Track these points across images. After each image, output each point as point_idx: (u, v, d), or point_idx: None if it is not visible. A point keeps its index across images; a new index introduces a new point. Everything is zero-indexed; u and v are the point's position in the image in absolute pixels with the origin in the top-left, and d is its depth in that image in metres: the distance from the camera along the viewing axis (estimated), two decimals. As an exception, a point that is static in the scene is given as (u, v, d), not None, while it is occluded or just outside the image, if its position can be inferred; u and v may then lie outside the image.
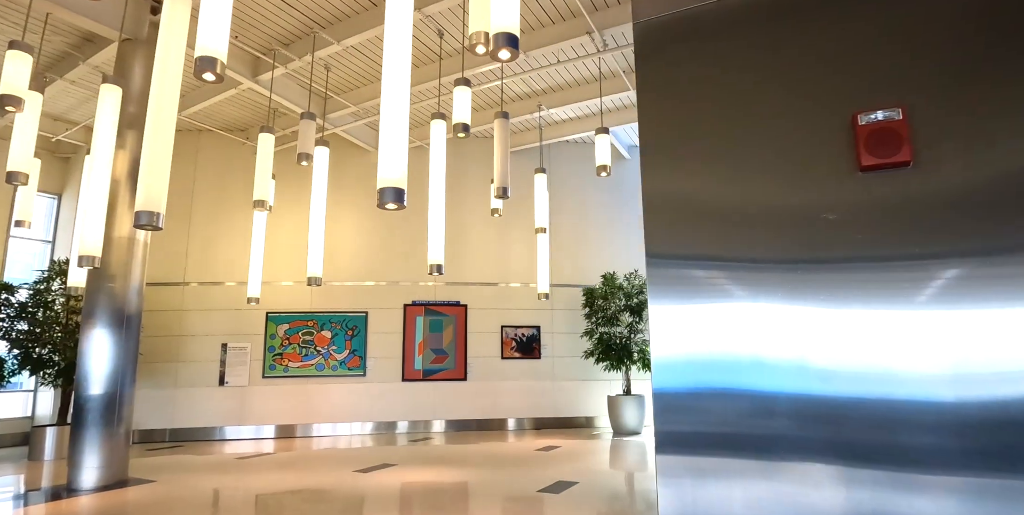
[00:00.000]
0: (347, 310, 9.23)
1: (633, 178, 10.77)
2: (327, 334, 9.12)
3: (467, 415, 9.27)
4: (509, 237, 10.02)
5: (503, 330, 9.61)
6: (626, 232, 10.44)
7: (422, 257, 9.56)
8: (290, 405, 8.80)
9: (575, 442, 7.88)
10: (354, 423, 8.95)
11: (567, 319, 9.85)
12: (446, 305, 9.51)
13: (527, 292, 9.85)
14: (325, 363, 9.03)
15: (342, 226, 9.49)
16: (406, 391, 9.15)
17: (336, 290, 9.28)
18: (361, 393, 9.02)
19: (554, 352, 9.72)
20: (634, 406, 8.71)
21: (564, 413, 9.57)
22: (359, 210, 9.62)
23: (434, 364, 9.31)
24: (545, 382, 9.61)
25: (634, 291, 8.91)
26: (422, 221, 10.05)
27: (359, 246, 9.51)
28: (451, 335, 9.44)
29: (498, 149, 6.13)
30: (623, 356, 8.56)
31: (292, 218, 9.36)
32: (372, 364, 9.13)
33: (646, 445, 7.61)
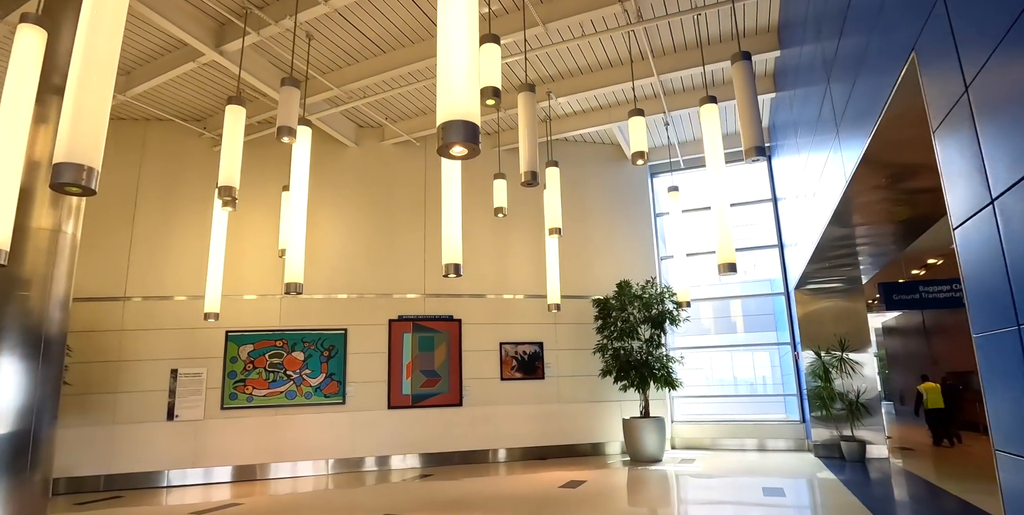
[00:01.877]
0: (323, 327, 7.95)
1: (640, 181, 9.95)
2: (299, 355, 7.81)
3: (465, 446, 8.07)
4: (508, 243, 8.99)
5: (502, 348, 8.50)
6: (634, 239, 9.57)
7: (411, 265, 8.43)
8: (255, 442, 7.41)
9: (596, 474, 6.81)
10: (333, 460, 7.61)
11: (572, 334, 8.84)
12: (437, 320, 8.36)
13: (528, 304, 8.80)
14: (297, 390, 7.71)
15: (317, 231, 8.25)
16: (393, 420, 7.90)
17: (310, 304, 8.00)
18: (340, 424, 7.71)
19: (559, 371, 8.67)
20: (654, 430, 7.72)
21: (572, 440, 8.48)
22: (337, 213, 8.42)
23: (425, 388, 8.11)
24: (550, 405, 8.52)
25: (653, 301, 7.98)
26: (411, 223, 8.94)
27: (337, 253, 8.28)
28: (444, 354, 8.28)
29: (524, 128, 5.13)
30: (645, 374, 7.59)
31: (258, 221, 8.07)
32: (353, 390, 7.85)
33: (682, 476, 6.60)
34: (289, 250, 5.23)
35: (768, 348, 15.16)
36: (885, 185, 4.43)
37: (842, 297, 8.17)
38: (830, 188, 5.04)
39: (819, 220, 5.78)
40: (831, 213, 5.14)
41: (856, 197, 4.71)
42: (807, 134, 6.01)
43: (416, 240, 8.57)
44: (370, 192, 8.59)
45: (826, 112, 4.85)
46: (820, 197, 5.61)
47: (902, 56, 2.88)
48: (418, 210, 8.71)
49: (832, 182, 4.87)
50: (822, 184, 5.42)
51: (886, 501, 5.09)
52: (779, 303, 11.95)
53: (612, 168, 9.81)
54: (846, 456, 7.37)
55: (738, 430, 8.77)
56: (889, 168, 4.05)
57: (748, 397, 12.99)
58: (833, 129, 4.67)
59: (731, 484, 6.23)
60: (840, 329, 7.98)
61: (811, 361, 7.98)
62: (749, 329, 14.83)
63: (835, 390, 7.47)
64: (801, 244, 7.25)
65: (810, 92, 5.57)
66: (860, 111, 3.78)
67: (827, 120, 4.82)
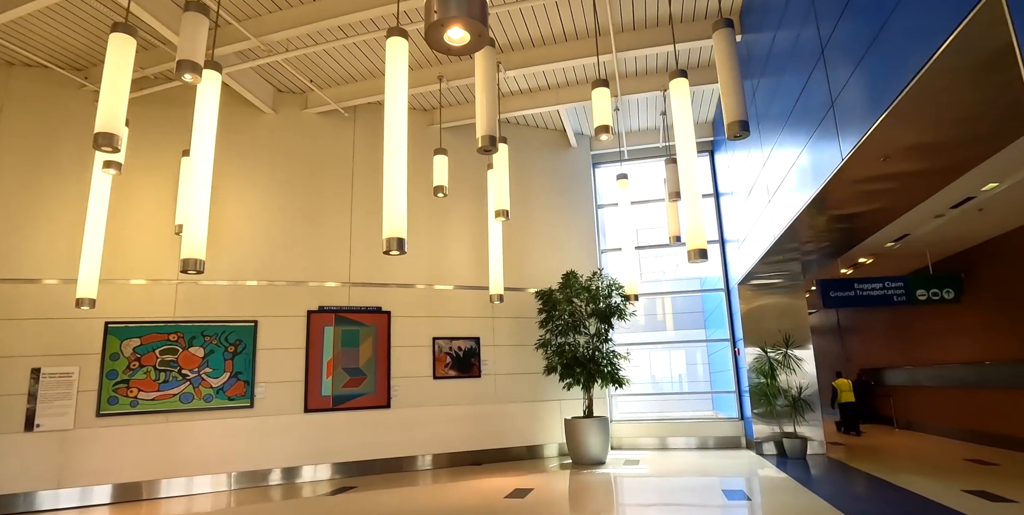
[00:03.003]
0: (228, 318, 6.86)
1: (583, 170, 9.51)
2: (198, 352, 6.69)
3: (393, 452, 7.24)
4: (444, 229, 8.24)
5: (435, 343, 7.75)
6: (576, 230, 9.10)
7: (334, 250, 7.50)
8: (140, 455, 6.23)
9: (541, 480, 6.23)
10: (237, 473, 6.55)
11: (511, 329, 8.23)
12: (364, 312, 7.48)
13: (464, 297, 8.09)
14: (195, 392, 6.58)
15: (224, 208, 7.14)
16: (311, 426, 6.94)
17: (213, 292, 6.88)
18: (247, 431, 6.67)
19: (496, 368, 8.03)
20: (598, 431, 7.26)
21: (509, 442, 7.87)
22: (248, 188, 7.33)
23: (348, 388, 7.21)
24: (487, 406, 7.87)
25: (600, 294, 7.52)
26: (336, 203, 7.92)
27: (247, 234, 7.20)
28: (370, 350, 7.41)
29: (481, 86, 4.46)
30: (592, 371, 7.11)
31: (150, 192, 6.85)
32: (263, 391, 6.82)
33: (634, 479, 6.15)
34: (188, 220, 4.24)
35: (694, 345, 15.31)
36: (879, 167, 4.15)
37: (784, 293, 8.11)
38: (806, 180, 4.75)
39: (784, 215, 5.53)
40: (803, 206, 4.86)
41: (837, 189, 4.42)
42: (774, 127, 5.75)
43: (341, 222, 7.64)
44: (289, 167, 7.56)
45: (813, 100, 4.51)
46: (788, 191, 5.34)
47: (956, 15, 2.48)
48: (344, 189, 7.78)
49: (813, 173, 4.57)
50: (794, 177, 5.14)
51: (848, 498, 4.86)
52: (711, 300, 11.97)
53: (555, 155, 9.31)
54: (788, 453, 7.25)
55: (677, 429, 8.52)
56: (899, 145, 3.72)
57: (690, 395, 12.96)
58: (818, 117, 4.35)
59: (688, 487, 5.86)
60: (782, 325, 7.89)
61: (755, 357, 7.84)
62: (678, 327, 14.91)
63: (779, 386, 7.35)
64: (752, 240, 7.05)
65: (785, 81, 5.26)
66: (871, 92, 3.42)
67: (814, 109, 4.49)
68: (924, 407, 9.73)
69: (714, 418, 8.99)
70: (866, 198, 4.81)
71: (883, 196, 4.80)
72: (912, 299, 8.17)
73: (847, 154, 3.80)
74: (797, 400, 7.33)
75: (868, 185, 4.47)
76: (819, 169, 4.41)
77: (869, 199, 4.83)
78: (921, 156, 3.96)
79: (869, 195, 4.72)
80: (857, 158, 3.84)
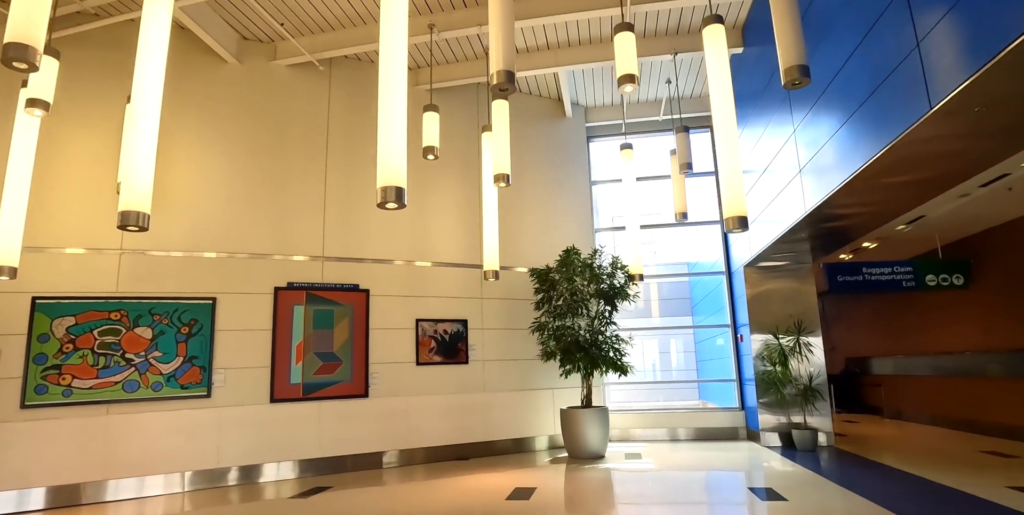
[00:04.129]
0: (182, 295, 5.96)
1: (578, 143, 8.82)
2: (145, 332, 5.78)
3: (371, 447, 6.48)
4: (428, 200, 7.45)
5: (419, 326, 7.00)
6: (571, 207, 8.43)
7: (306, 219, 6.65)
8: (77, 452, 5.31)
9: (541, 477, 5.59)
10: (192, 473, 5.69)
11: (502, 311, 7.54)
12: (339, 290, 6.66)
13: (451, 275, 7.35)
14: (141, 379, 5.68)
15: (177, 168, 6.20)
16: (278, 418, 6.12)
17: (165, 264, 5.96)
18: (204, 425, 5.80)
19: (485, 354, 7.33)
20: (597, 422, 6.66)
21: (499, 435, 7.20)
22: (206, 147, 6.39)
23: (321, 376, 6.40)
24: (474, 395, 7.17)
25: (602, 273, 6.88)
26: (308, 167, 6.95)
27: (205, 199, 6.28)
28: (346, 333, 6.61)
29: (496, 10, 3.73)
30: (596, 357, 6.47)
31: (89, 146, 5.86)
32: (222, 379, 5.96)
33: (645, 476, 5.55)
34: (130, 161, 3.39)
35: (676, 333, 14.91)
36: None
37: (792, 277, 7.63)
38: (859, 146, 4.19)
39: (819, 189, 4.99)
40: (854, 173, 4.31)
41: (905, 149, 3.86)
42: (807, 95, 5.19)
43: (314, 189, 6.77)
44: (254, 125, 6.64)
45: (881, 52, 3.91)
46: (827, 163, 4.79)
47: None
48: (317, 152, 6.90)
49: (872, 135, 4.00)
50: (836, 147, 4.59)
51: (894, 498, 4.37)
52: (700, 286, 11.52)
53: (549, 125, 8.60)
54: (797, 445, 6.80)
55: (672, 419, 8.01)
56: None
57: (682, 383, 12.52)
58: (888, 69, 3.76)
59: (709, 484, 5.32)
60: (789, 310, 7.43)
61: (762, 344, 7.36)
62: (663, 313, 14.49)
63: (791, 375, 6.88)
64: (767, 220, 6.52)
65: (832, 39, 4.67)
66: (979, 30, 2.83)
67: (882, 61, 3.90)
68: (917, 397, 9.49)
69: (712, 408, 8.51)
70: (930, 162, 4.27)
71: (946, 160, 4.27)
72: (921, 284, 7.82)
73: (939, 103, 3.21)
74: (808, 389, 6.88)
75: (939, 145, 3.92)
76: (885, 128, 3.84)
77: (935, 162, 4.29)
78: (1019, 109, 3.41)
79: (937, 157, 4.18)
80: (946, 110, 3.26)
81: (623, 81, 4.50)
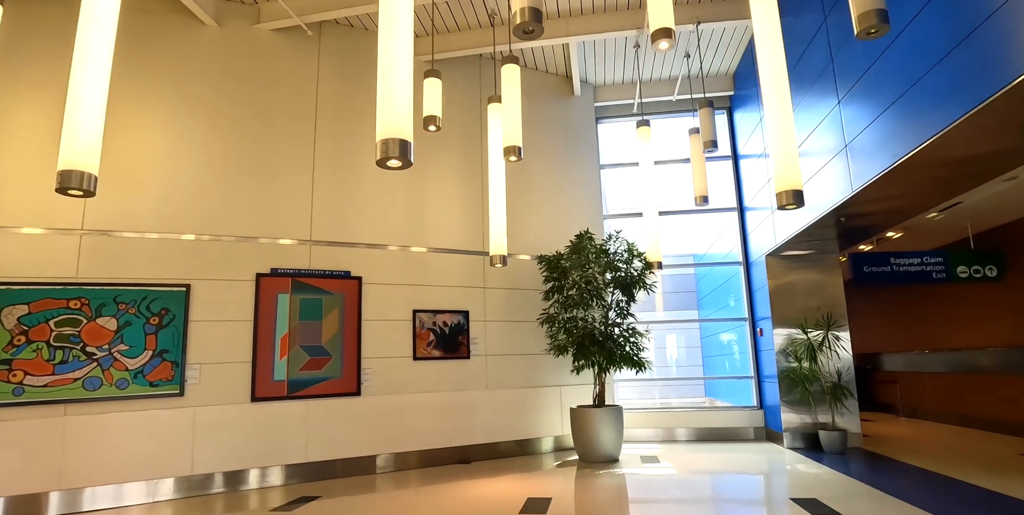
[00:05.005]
0: (151, 281, 5.31)
1: (586, 123, 8.24)
2: (109, 323, 5.13)
3: (364, 450, 5.89)
4: (426, 181, 6.84)
5: (416, 317, 6.40)
6: (579, 190, 7.86)
7: (291, 199, 6.03)
8: (28, 459, 4.66)
9: (554, 485, 5.03)
10: (162, 481, 5.06)
11: (505, 301, 6.96)
12: (328, 277, 6.04)
13: (451, 262, 6.75)
14: (104, 376, 5.03)
15: (148, 140, 5.54)
16: (260, 418, 5.50)
17: (132, 246, 5.31)
18: (176, 426, 5.17)
19: (487, 349, 6.75)
20: (611, 422, 6.11)
21: (502, 436, 6.64)
22: (181, 117, 5.72)
23: (308, 372, 5.79)
24: (476, 393, 6.59)
25: (618, 260, 6.31)
26: (294, 142, 6.25)
27: (179, 176, 5.62)
28: (336, 324, 6.00)
29: (526, -60, 3.14)
30: (613, 351, 5.91)
31: (38, 112, 5.18)
32: (197, 375, 5.33)
33: (671, 483, 5.00)
34: (71, 113, 2.76)
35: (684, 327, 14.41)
36: None
37: (817, 267, 7.11)
38: (926, 118, 3.66)
39: (866, 170, 4.47)
40: (919, 147, 3.78)
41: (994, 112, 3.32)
42: (854, 69, 4.66)
43: (301, 166, 6.14)
44: (234, 94, 5.99)
45: (962, 10, 3.37)
46: (878, 140, 4.27)
47: None
48: (305, 126, 6.26)
49: (950, 102, 3.46)
50: (891, 122, 4.06)
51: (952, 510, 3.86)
52: (708, 278, 11.01)
53: (556, 104, 8.01)
54: (825, 447, 6.30)
55: (683, 418, 7.49)
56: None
57: (688, 380, 12.00)
58: (969, 27, 3.22)
59: (746, 495, 4.80)
60: (815, 303, 6.92)
61: (785, 339, 6.85)
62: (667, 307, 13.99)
63: (820, 372, 6.37)
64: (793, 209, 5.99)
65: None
66: None
67: (958, 22, 3.36)
68: (936, 394, 9.06)
69: (726, 407, 8.01)
70: (1000, 135, 3.74)
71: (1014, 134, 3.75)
72: (952, 276, 7.35)
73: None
74: (837, 387, 6.38)
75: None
76: (963, 96, 3.30)
77: (1004, 136, 3.76)
78: None
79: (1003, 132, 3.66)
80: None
81: (658, 36, 3.92)
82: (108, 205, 5.24)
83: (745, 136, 7.89)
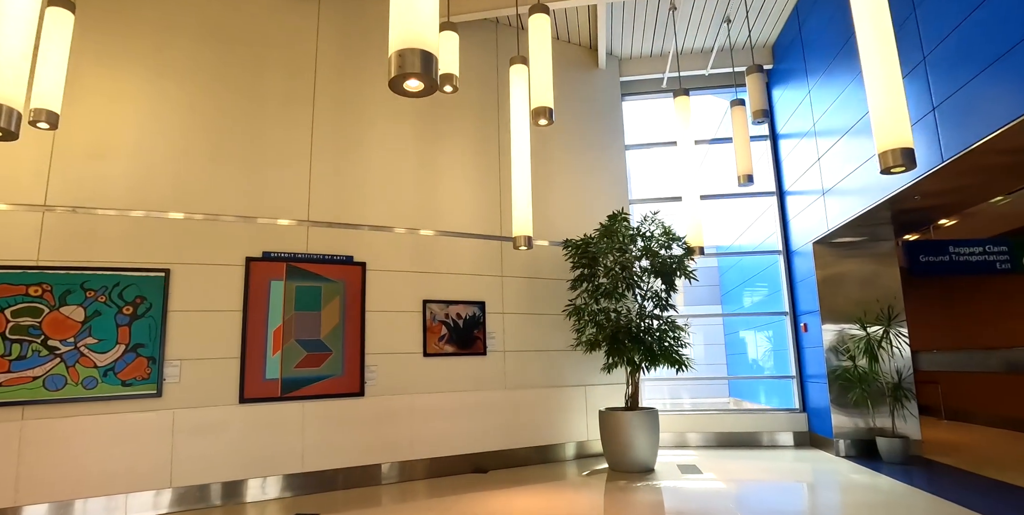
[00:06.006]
0: (125, 265, 4.62)
1: (610, 98, 7.53)
2: (75, 313, 4.44)
3: (368, 458, 5.20)
4: (439, 156, 6.14)
5: (427, 308, 5.71)
6: (603, 171, 7.16)
7: (288, 173, 5.33)
8: (-32, 470, 3.98)
9: (590, 501, 4.34)
10: (136, 496, 4.38)
11: (525, 292, 6.27)
12: (328, 262, 5.35)
13: (467, 247, 6.06)
14: (69, 373, 4.35)
15: (123, 102, 4.84)
16: (250, 423, 4.82)
17: (102, 225, 4.61)
18: (152, 432, 4.49)
19: (505, 344, 6.07)
20: (647, 427, 5.43)
21: (522, 442, 5.96)
22: (162, 77, 5.01)
23: (304, 369, 5.10)
24: (493, 393, 5.91)
25: (655, 244, 5.60)
26: (291, 108, 5.49)
27: (158, 143, 4.91)
28: (336, 316, 5.30)
29: None
30: (654, 347, 5.22)
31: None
32: (176, 373, 4.64)
33: (729, 502, 4.30)
34: None
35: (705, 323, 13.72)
36: None
37: (870, 256, 6.41)
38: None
39: (950, 143, 3.77)
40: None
41: None
42: (935, 35, 3.95)
43: (298, 138, 5.44)
44: (224, 56, 5.28)
45: None
46: (960, 111, 3.56)
47: None
48: (302, 93, 5.55)
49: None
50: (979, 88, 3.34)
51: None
52: (738, 271, 10.32)
53: (579, 77, 7.30)
54: (884, 456, 5.62)
55: (715, 421, 6.81)
56: None
57: (709, 380, 11.31)
58: None
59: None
60: (869, 295, 6.23)
61: (837, 335, 6.17)
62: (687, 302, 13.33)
63: (880, 371, 5.69)
64: (852, 188, 5.32)
65: None
66: None
67: None
68: (985, 396, 8.37)
69: (762, 409, 7.32)
70: None
71: None
72: (1017, 266, 6.66)
73: None
74: (898, 388, 5.70)
75: None
76: None
77: None
78: None
79: None
80: None
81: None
82: (76, 177, 4.55)
83: (786, 114, 7.18)
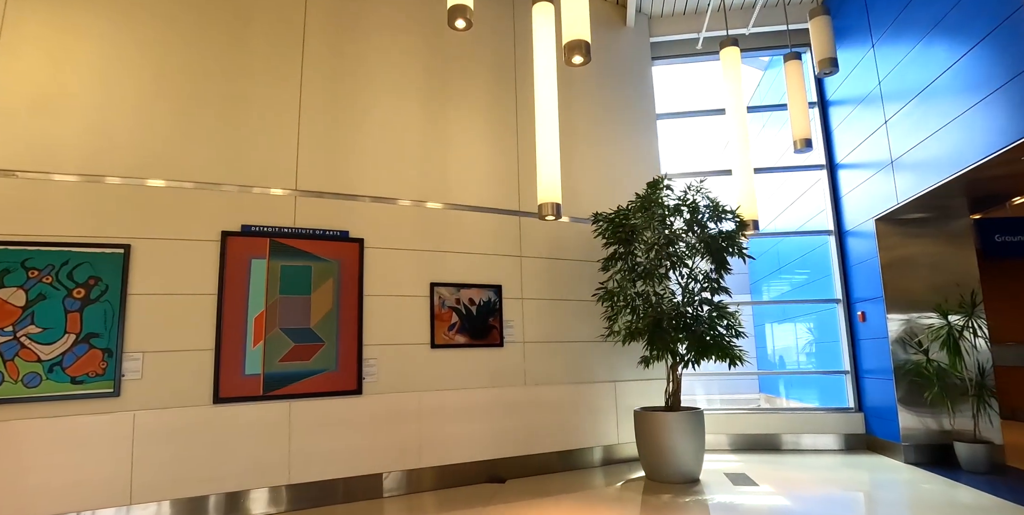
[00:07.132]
0: (74, 239, 3.87)
1: (642, 59, 6.71)
2: (14, 296, 3.69)
3: (367, 467, 4.46)
4: (447, 120, 5.35)
5: (435, 292, 4.94)
6: (631, 137, 6.36)
7: (272, 136, 4.55)
8: None
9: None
10: (94, 513, 3.65)
11: (545, 274, 5.49)
12: (320, 238, 4.58)
13: (481, 222, 5.28)
14: (7, 369, 3.61)
15: (77, 50, 4.06)
16: (226, 426, 4.07)
17: (48, 192, 3.85)
18: (109, 438, 3.75)
19: (525, 334, 5.30)
20: (691, 431, 4.66)
21: (544, 447, 5.20)
22: (123, 22, 4.23)
23: (292, 363, 4.35)
24: (511, 390, 5.15)
25: (703, 218, 4.79)
26: (276, 64, 4.65)
27: (117, 97, 4.14)
28: (329, 301, 4.54)
29: None
30: (707, 338, 4.43)
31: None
32: (138, 367, 3.90)
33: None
34: None
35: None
36: None
37: (940, 236, 5.60)
38: None
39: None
40: None
41: None
42: None
43: (284, 96, 4.66)
44: (202, 6, 4.50)
45: None
46: None
47: None
48: (290, 43, 4.77)
49: None
50: None
51: None
52: (771, 258, 9.51)
53: (605, 37, 6.48)
54: (964, 464, 4.85)
55: (759, 422, 6.04)
56: None
57: (746, 376, 10.54)
58: None
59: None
60: (943, 280, 5.44)
61: (904, 325, 5.38)
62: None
63: (965, 366, 4.90)
64: (926, 159, 4.52)
65: None
66: None
67: None
68: (1050, 393, 7.58)
69: (809, 408, 6.55)
70: None
71: None
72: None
73: None
74: (982, 386, 4.91)
75: None
76: None
77: None
78: None
79: None
80: None
81: None
82: (16, 136, 3.79)
83: (839, 78, 6.36)
